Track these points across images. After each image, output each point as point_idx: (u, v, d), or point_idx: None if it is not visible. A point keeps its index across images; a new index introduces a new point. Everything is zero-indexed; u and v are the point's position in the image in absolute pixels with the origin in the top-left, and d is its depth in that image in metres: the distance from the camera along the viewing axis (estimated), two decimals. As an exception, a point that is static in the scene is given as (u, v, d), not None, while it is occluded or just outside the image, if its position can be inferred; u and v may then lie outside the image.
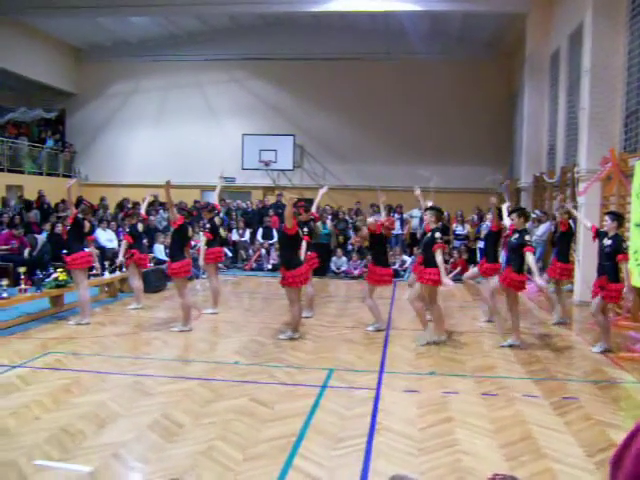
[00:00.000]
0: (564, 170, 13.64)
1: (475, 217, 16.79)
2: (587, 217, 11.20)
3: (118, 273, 11.63)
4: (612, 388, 6.18)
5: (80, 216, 9.05)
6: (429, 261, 7.72)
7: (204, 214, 10.65)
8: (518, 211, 8.02)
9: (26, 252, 12.70)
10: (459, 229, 16.47)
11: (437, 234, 7.68)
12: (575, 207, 9.89)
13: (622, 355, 7.37)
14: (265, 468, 4.12)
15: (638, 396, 5.98)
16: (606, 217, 7.85)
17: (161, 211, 17.90)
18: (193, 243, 14.23)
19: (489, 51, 20.20)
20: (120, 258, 10.92)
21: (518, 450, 4.49)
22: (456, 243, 16.03)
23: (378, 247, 8.68)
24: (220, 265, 15.16)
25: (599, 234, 7.89)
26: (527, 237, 7.61)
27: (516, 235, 7.68)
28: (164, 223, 16.94)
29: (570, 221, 11.47)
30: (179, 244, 8.62)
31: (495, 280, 8.44)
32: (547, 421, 5.10)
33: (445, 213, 11.65)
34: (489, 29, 19.06)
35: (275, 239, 15.98)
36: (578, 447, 4.56)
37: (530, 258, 7.41)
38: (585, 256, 11.23)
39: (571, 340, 8.49)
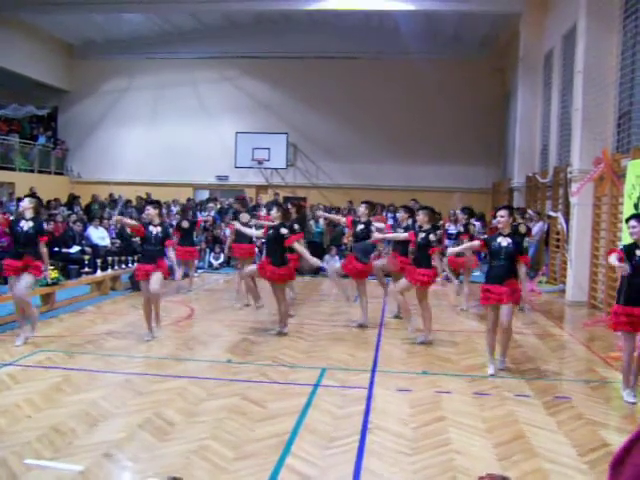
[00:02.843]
0: (557, 170, 13.68)
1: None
2: (579, 217, 11.29)
3: (110, 271, 11.60)
4: (604, 388, 6.20)
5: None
6: (421, 261, 7.73)
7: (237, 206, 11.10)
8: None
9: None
10: (451, 228, 16.47)
11: (431, 236, 7.70)
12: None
13: (614, 355, 7.38)
14: (257, 467, 4.11)
15: (630, 396, 6.00)
16: None
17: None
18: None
19: (483, 51, 20.27)
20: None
21: (510, 449, 4.50)
22: (448, 242, 16.03)
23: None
24: (213, 262, 15.14)
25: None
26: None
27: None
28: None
29: (562, 222, 11.54)
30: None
31: None
32: (539, 420, 5.11)
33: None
34: (483, 29, 19.12)
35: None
36: (570, 447, 4.57)
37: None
38: (577, 256, 11.28)
39: (563, 340, 8.52)
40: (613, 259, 5.75)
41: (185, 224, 11.77)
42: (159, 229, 7.80)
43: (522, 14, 16.17)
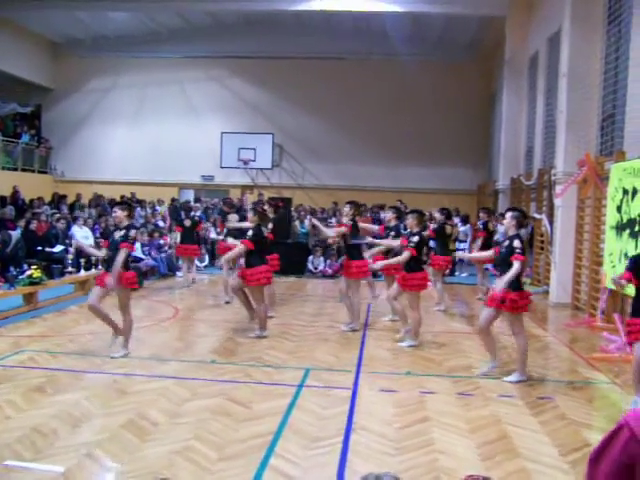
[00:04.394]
0: (541, 172, 13.77)
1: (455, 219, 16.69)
2: (563, 219, 11.38)
3: (93, 271, 11.51)
4: (586, 388, 6.25)
5: None
6: (412, 265, 7.72)
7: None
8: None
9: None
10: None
11: (414, 238, 7.70)
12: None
13: (596, 356, 7.45)
14: (241, 468, 4.09)
15: (612, 396, 6.06)
16: None
17: (138, 209, 17.75)
18: (162, 242, 14.40)
19: (469, 53, 20.37)
20: None
21: (494, 450, 4.52)
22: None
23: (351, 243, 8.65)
24: (198, 264, 15.09)
25: None
26: None
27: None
28: (141, 221, 16.83)
29: (546, 224, 11.63)
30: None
31: None
32: (522, 421, 5.13)
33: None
34: (469, 31, 19.22)
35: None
36: (552, 446, 4.60)
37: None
38: (561, 258, 11.36)
39: (546, 341, 8.57)
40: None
41: (187, 222, 12.41)
42: (122, 233, 6.94)
43: (507, 17, 16.27)
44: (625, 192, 8.63)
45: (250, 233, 8.01)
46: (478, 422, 5.08)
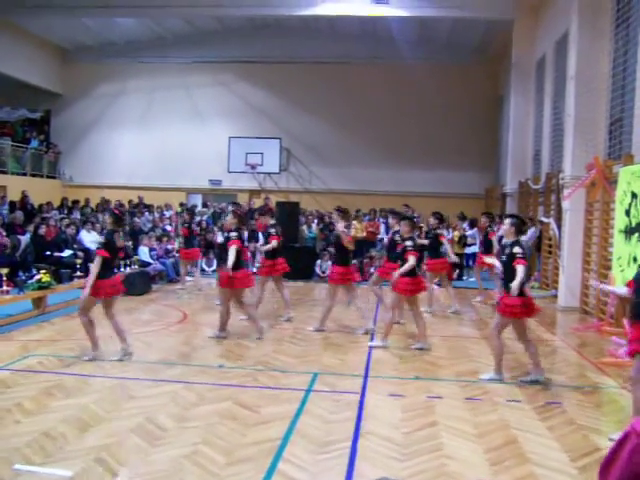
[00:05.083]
0: (549, 176, 13.73)
1: (463, 223, 16.62)
2: (571, 223, 11.34)
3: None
4: (595, 393, 6.23)
5: None
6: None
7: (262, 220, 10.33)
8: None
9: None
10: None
11: (408, 242, 7.72)
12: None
13: (605, 360, 7.42)
14: (249, 472, 4.10)
15: (621, 401, 6.02)
16: None
17: (146, 213, 17.81)
18: (170, 247, 14.47)
19: (476, 56, 20.34)
20: None
21: (502, 455, 4.50)
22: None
23: (338, 248, 8.87)
24: (206, 268, 15.12)
25: None
26: None
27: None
28: (149, 225, 16.87)
29: (554, 228, 11.55)
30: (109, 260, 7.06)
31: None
32: (530, 426, 5.12)
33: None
34: (476, 34, 19.20)
35: (261, 241, 15.90)
36: (561, 452, 4.58)
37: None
38: (569, 262, 11.32)
39: (555, 345, 8.54)
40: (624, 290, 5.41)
41: (195, 227, 12.82)
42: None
43: (514, 21, 16.25)
44: (634, 196, 8.60)
45: (233, 234, 8.10)
46: (486, 427, 5.06)
